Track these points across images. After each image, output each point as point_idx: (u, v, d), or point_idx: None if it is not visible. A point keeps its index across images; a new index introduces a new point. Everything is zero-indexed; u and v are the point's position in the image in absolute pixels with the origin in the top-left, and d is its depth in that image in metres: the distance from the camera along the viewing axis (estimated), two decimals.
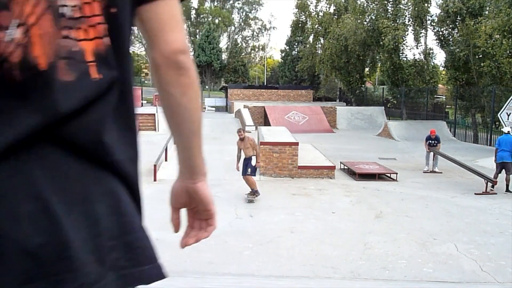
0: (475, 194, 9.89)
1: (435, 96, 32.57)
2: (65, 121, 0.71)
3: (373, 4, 29.17)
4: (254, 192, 8.58)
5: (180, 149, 0.95)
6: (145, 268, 0.81)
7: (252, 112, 25.75)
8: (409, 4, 27.11)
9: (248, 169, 8.56)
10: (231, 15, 64.69)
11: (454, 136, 21.97)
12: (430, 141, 13.16)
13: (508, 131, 10.89)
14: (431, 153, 12.99)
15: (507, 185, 10.23)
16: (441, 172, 12.49)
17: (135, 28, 0.89)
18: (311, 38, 38.76)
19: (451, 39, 25.39)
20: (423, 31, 27.80)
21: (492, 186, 10.15)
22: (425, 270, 5.37)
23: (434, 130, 13.56)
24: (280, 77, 49.71)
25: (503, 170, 10.33)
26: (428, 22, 27.35)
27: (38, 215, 0.67)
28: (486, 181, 10.13)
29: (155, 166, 10.74)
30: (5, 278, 0.65)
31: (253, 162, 8.53)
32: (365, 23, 29.23)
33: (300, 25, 39.27)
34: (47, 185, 0.69)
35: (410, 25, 27.40)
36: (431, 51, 28.39)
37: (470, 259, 5.75)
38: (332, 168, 11.54)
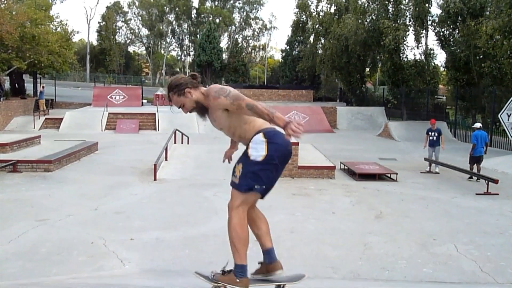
0: (476, 194, 9.89)
1: (436, 96, 32.56)
2: None
3: (374, 4, 29.15)
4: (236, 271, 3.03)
5: None
6: None
7: None
8: (410, 4, 27.10)
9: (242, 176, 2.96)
10: (232, 14, 64.64)
11: (455, 136, 21.97)
12: (430, 133, 13.17)
13: (480, 127, 12.21)
14: (433, 153, 13.03)
15: (479, 170, 11.63)
16: (438, 173, 12.50)
17: (136, 28, 0.87)
18: (311, 38, 38.74)
19: (451, 40, 25.38)
20: (424, 31, 27.79)
21: (478, 179, 11.24)
22: (425, 271, 5.37)
23: (434, 120, 13.78)
24: (280, 77, 49.67)
25: (476, 162, 11.83)
26: (429, 22, 27.35)
27: None
28: (487, 181, 10.15)
29: (155, 165, 10.74)
30: None
31: (254, 153, 2.84)
32: (366, 23, 29.21)
33: (300, 25, 39.26)
34: None
35: (411, 26, 27.39)
36: (431, 52, 28.42)
37: (470, 260, 5.74)
38: (332, 168, 11.54)
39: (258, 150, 2.78)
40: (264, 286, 3.20)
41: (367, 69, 36.23)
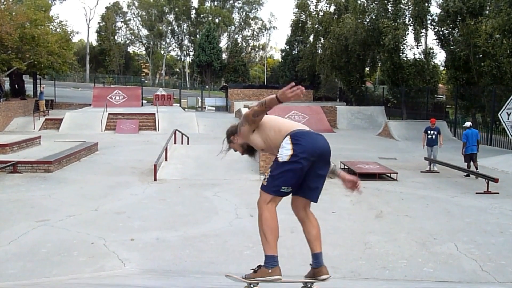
0: (476, 193, 9.89)
1: (436, 95, 32.57)
2: None
3: (373, 4, 29.15)
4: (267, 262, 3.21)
5: None
6: None
7: None
8: (409, 3, 27.09)
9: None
10: (231, 14, 64.66)
11: (455, 135, 21.95)
12: (429, 131, 13.17)
13: (470, 125, 12.61)
14: (432, 152, 13.04)
15: (476, 168, 11.86)
16: (438, 172, 12.51)
17: (135, 28, 0.87)
18: (311, 38, 38.74)
19: (451, 39, 25.37)
20: (424, 30, 27.78)
21: (476, 177, 11.26)
22: (425, 270, 5.37)
23: (434, 119, 13.84)
24: (280, 76, 49.68)
25: (471, 160, 12.12)
26: (429, 21, 27.34)
27: None
28: (487, 180, 10.14)
29: (155, 165, 10.74)
30: None
31: (281, 153, 3.08)
32: (365, 22, 29.21)
33: (300, 24, 39.26)
34: None
35: (411, 25, 27.38)
36: (431, 51, 28.42)
37: (470, 259, 5.74)
38: None
39: (284, 151, 2.98)
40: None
41: (367, 69, 36.23)
